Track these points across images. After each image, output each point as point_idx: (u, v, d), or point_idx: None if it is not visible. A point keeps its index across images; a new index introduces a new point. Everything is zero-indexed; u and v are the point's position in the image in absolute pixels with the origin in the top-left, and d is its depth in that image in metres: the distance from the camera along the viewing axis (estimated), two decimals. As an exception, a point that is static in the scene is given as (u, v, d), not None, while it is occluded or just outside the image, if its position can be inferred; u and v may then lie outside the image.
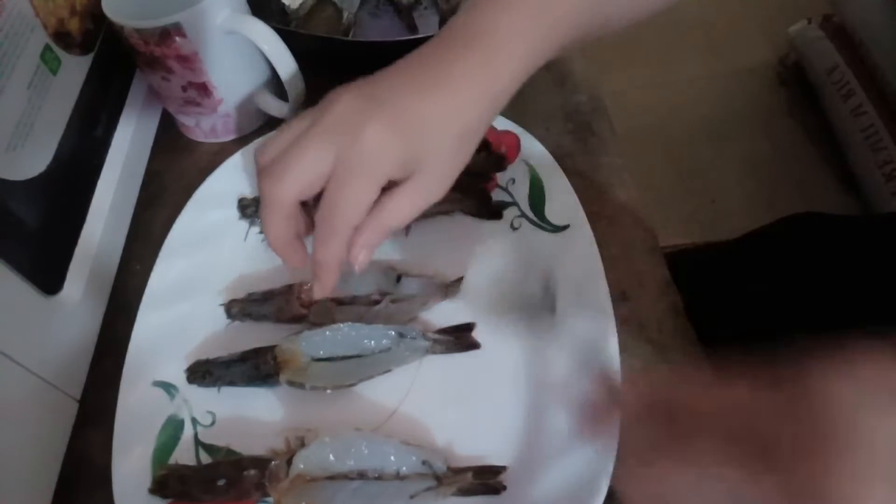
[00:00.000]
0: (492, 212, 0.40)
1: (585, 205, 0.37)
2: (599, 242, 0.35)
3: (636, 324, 0.36)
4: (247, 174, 0.42)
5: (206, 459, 0.32)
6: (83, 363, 0.36)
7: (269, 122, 0.46)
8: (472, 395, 0.34)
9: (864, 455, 0.19)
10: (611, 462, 0.28)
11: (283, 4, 0.52)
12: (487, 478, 0.30)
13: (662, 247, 0.39)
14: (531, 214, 0.39)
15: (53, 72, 0.35)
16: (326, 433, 0.31)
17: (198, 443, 0.33)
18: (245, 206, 0.40)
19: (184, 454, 0.32)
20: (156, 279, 0.37)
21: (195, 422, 0.33)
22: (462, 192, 0.38)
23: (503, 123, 0.42)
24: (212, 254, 0.39)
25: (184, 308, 0.37)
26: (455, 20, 0.29)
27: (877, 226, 0.53)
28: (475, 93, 0.28)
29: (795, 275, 0.48)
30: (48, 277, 0.33)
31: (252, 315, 0.36)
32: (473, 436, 0.32)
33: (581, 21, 0.30)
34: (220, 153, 0.44)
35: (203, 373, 0.34)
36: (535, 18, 0.28)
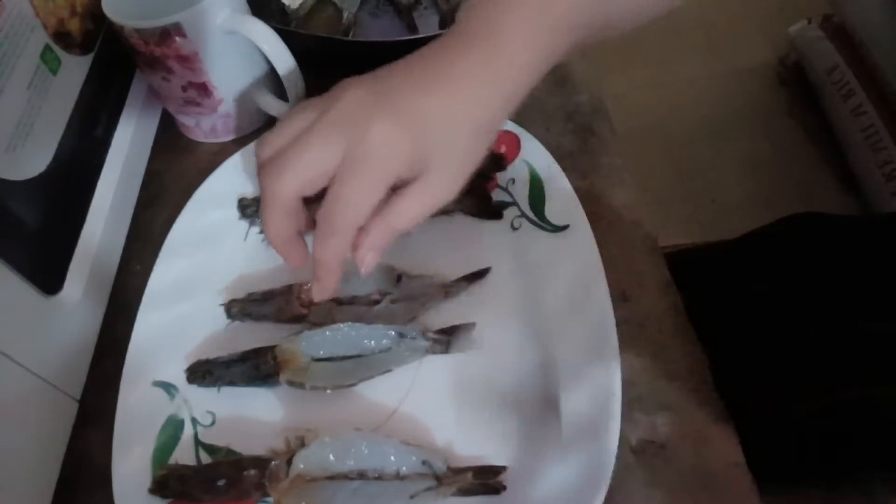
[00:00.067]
0: (492, 212, 0.40)
1: (585, 205, 0.37)
2: (599, 242, 0.35)
3: (636, 324, 0.36)
4: (247, 174, 0.42)
5: (206, 459, 0.32)
6: (83, 363, 0.36)
7: (269, 123, 0.46)
8: (472, 395, 0.34)
9: None
10: (611, 462, 0.28)
11: (283, 4, 0.52)
12: (487, 478, 0.30)
13: (662, 247, 0.39)
14: (531, 214, 0.39)
15: (53, 72, 0.35)
16: (326, 433, 0.31)
17: (198, 443, 0.33)
18: (245, 206, 0.40)
19: (184, 454, 0.32)
20: (156, 279, 0.37)
21: (195, 422, 0.33)
22: (462, 192, 0.38)
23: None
24: (212, 254, 0.39)
25: (184, 308, 0.37)
26: (458, 20, 0.29)
27: (877, 226, 0.53)
28: (481, 91, 0.28)
29: (795, 275, 0.47)
30: (48, 277, 0.33)
31: (252, 315, 0.36)
32: (473, 436, 0.32)
33: (581, 21, 0.29)
34: (220, 153, 0.44)
35: (203, 373, 0.34)
36: (536, 18, 0.28)
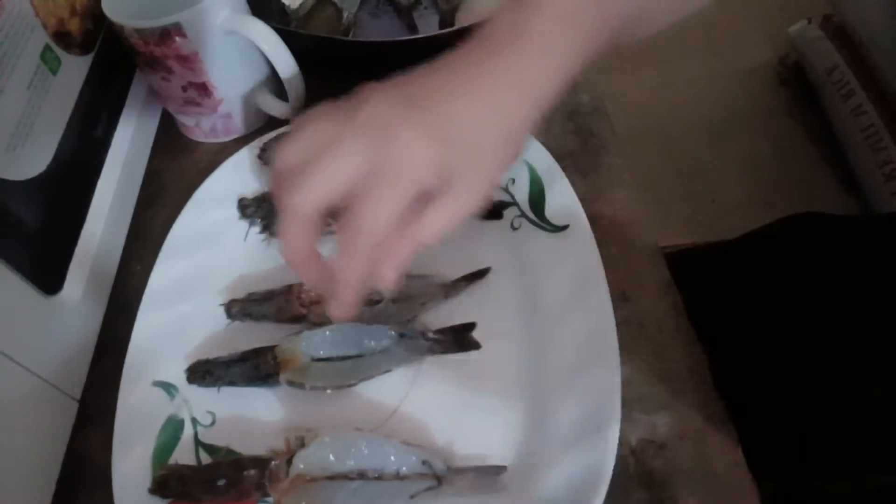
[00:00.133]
0: (492, 212, 0.40)
1: (585, 205, 0.37)
2: (599, 242, 0.35)
3: (636, 324, 0.36)
4: (247, 174, 0.42)
5: (206, 459, 0.32)
6: (83, 363, 0.36)
7: (270, 122, 0.46)
8: (472, 395, 0.34)
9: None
10: (611, 462, 0.28)
11: (283, 4, 0.52)
12: (487, 478, 0.30)
13: (662, 247, 0.39)
14: (531, 214, 0.39)
15: (53, 72, 0.35)
16: (326, 433, 0.31)
17: (198, 443, 0.33)
18: (245, 206, 0.40)
19: (184, 454, 0.32)
20: (156, 279, 0.37)
21: (195, 422, 0.33)
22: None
23: (503, 123, 0.41)
24: (212, 254, 0.39)
25: (184, 308, 0.37)
26: (487, 24, 0.28)
27: (877, 226, 0.53)
28: (509, 97, 0.27)
29: (795, 275, 0.47)
30: (48, 277, 0.33)
31: (252, 315, 0.36)
32: (473, 436, 0.32)
33: (609, 24, 0.29)
34: (220, 153, 0.44)
35: (203, 373, 0.34)
36: (565, 22, 0.27)
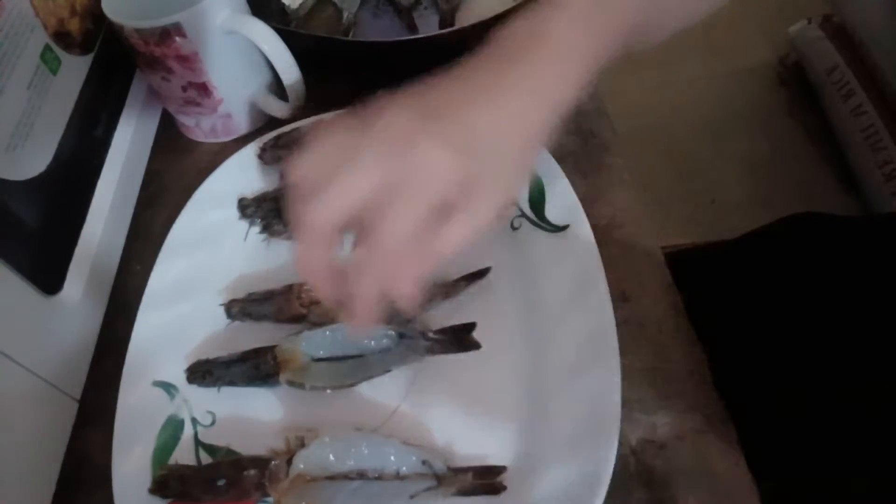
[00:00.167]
0: (492, 212, 0.40)
1: (585, 205, 0.37)
2: (599, 242, 0.35)
3: (636, 324, 0.36)
4: (247, 174, 0.42)
5: (206, 459, 0.32)
6: (83, 363, 0.36)
7: (270, 122, 0.46)
8: (472, 395, 0.34)
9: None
10: (611, 462, 0.28)
11: (283, 4, 0.52)
12: (487, 478, 0.30)
13: (662, 247, 0.39)
14: (531, 214, 0.39)
15: (53, 72, 0.35)
16: (326, 433, 0.31)
17: (198, 443, 0.33)
18: (245, 206, 0.40)
19: (184, 454, 0.32)
20: (156, 279, 0.37)
21: (195, 422, 0.33)
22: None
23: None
24: (212, 254, 0.39)
25: (184, 308, 0.37)
26: (505, 30, 0.28)
27: (877, 226, 0.53)
28: (529, 101, 0.26)
29: (795, 275, 0.47)
30: (48, 277, 0.33)
31: (252, 315, 0.36)
32: (473, 436, 0.32)
33: (626, 26, 0.28)
34: (220, 153, 0.44)
35: (203, 373, 0.34)
36: (582, 25, 0.27)
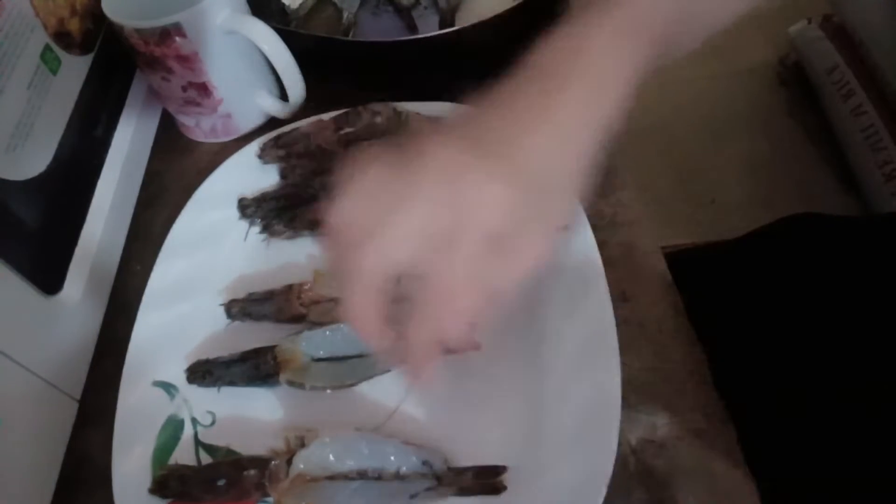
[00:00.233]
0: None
1: (585, 205, 0.37)
2: (599, 242, 0.35)
3: (636, 324, 0.36)
4: (247, 174, 0.42)
5: (206, 459, 0.32)
6: (83, 363, 0.36)
7: (270, 122, 0.46)
8: (473, 395, 0.34)
9: None
10: (611, 462, 0.28)
11: (283, 4, 0.52)
12: (487, 478, 0.30)
13: (662, 247, 0.39)
14: (531, 214, 0.39)
15: (53, 72, 0.35)
16: (326, 433, 0.31)
17: (198, 443, 0.33)
18: (245, 206, 0.40)
19: (184, 454, 0.32)
20: (156, 279, 0.37)
21: (195, 422, 0.33)
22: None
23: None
24: (212, 254, 0.39)
25: (184, 308, 0.37)
26: (543, 49, 0.26)
27: (877, 226, 0.53)
28: (579, 124, 0.25)
29: (795, 275, 0.47)
30: (48, 277, 0.33)
31: (252, 315, 0.36)
32: (473, 436, 0.32)
33: (663, 31, 0.27)
34: (220, 153, 0.44)
35: (203, 373, 0.34)
36: (625, 39, 0.26)
